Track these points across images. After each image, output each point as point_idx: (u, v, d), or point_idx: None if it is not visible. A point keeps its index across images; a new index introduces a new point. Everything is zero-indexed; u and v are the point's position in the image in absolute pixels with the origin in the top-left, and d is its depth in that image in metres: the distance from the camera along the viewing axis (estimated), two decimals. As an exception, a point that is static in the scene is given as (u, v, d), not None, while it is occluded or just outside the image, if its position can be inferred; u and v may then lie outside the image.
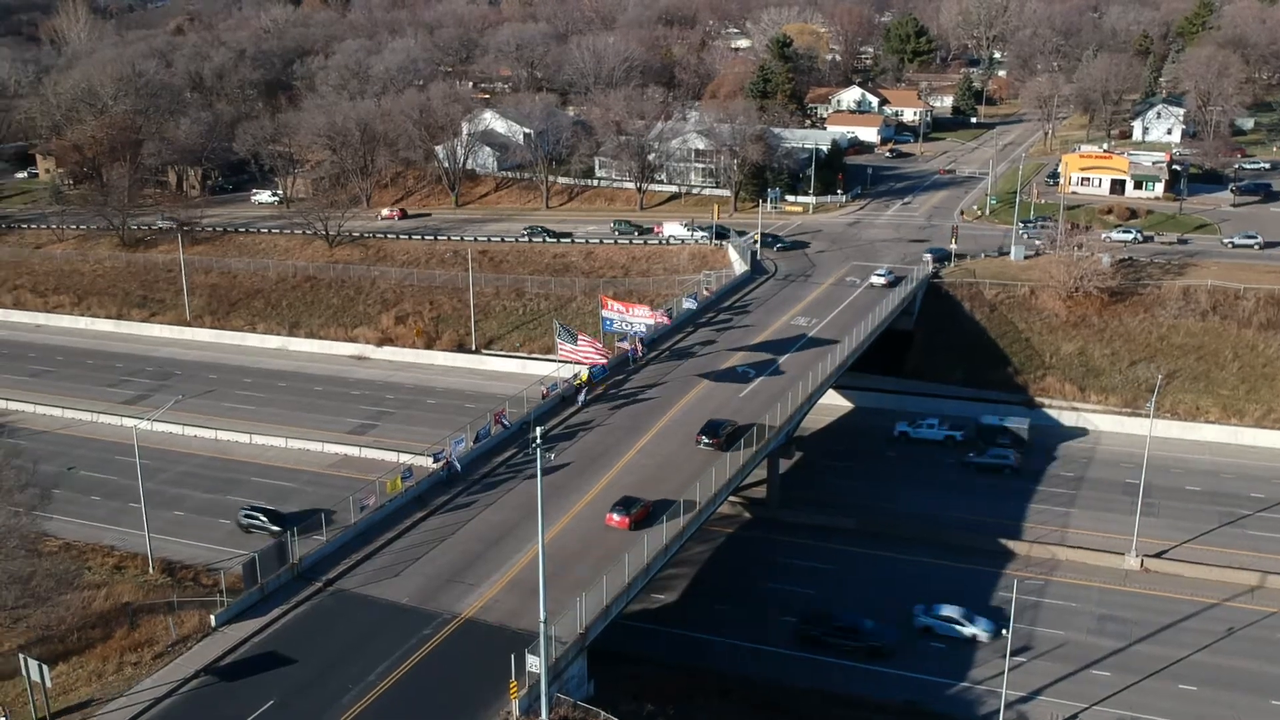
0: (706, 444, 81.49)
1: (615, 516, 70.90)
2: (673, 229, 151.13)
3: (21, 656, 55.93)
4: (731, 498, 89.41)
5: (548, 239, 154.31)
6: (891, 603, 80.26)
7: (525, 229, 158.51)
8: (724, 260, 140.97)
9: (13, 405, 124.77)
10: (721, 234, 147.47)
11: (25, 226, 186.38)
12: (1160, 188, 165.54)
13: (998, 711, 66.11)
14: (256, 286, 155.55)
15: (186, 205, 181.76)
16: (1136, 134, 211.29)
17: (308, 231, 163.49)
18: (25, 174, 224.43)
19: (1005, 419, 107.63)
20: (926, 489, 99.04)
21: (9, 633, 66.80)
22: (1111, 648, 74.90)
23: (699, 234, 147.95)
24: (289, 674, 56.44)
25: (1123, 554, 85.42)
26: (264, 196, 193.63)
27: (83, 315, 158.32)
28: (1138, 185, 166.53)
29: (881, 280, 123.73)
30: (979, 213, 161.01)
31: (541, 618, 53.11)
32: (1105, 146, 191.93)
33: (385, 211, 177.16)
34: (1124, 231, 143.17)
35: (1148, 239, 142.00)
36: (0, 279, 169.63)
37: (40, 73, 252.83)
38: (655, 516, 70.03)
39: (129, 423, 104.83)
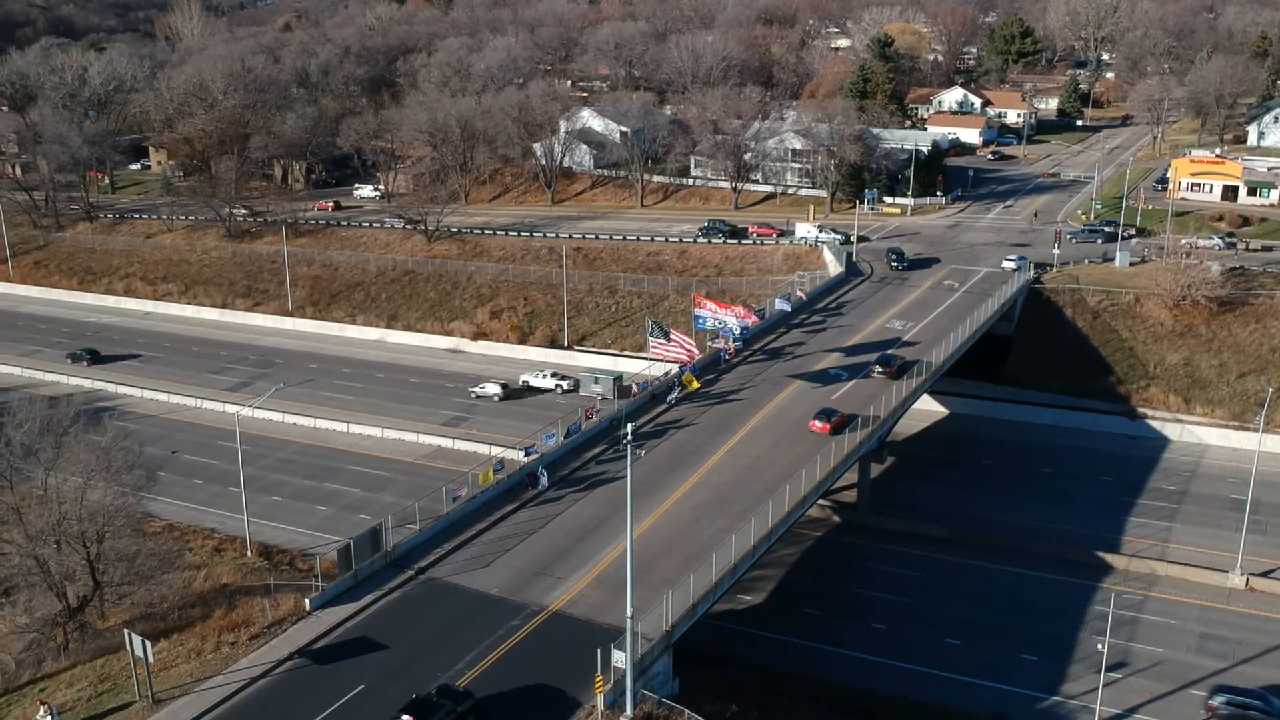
0: (880, 373, 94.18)
1: (817, 424, 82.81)
2: (805, 230, 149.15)
3: (126, 632, 57.71)
4: (821, 501, 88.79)
5: (727, 240, 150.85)
6: (986, 615, 78.95)
7: (700, 228, 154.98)
8: (819, 261, 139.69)
9: (121, 389, 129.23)
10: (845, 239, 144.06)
11: (137, 216, 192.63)
12: (1276, 194, 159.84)
13: (1091, 728, 64.61)
14: (357, 279, 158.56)
15: (291, 198, 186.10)
16: (1251, 139, 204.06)
17: (407, 226, 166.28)
18: (139, 166, 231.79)
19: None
20: (1021, 498, 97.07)
21: (115, 608, 69.09)
22: (1213, 667, 72.47)
23: (832, 235, 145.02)
24: (379, 659, 57.36)
25: (1226, 571, 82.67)
26: (366, 191, 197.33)
27: (189, 304, 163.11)
28: (1251, 191, 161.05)
29: (1012, 265, 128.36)
30: (1084, 217, 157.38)
31: (628, 613, 53.17)
32: (1218, 151, 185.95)
33: (319, 204, 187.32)
34: (1206, 238, 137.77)
35: (1230, 245, 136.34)
36: (113, 267, 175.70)
37: (155, 68, 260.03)
38: (845, 428, 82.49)
39: (231, 409, 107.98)
